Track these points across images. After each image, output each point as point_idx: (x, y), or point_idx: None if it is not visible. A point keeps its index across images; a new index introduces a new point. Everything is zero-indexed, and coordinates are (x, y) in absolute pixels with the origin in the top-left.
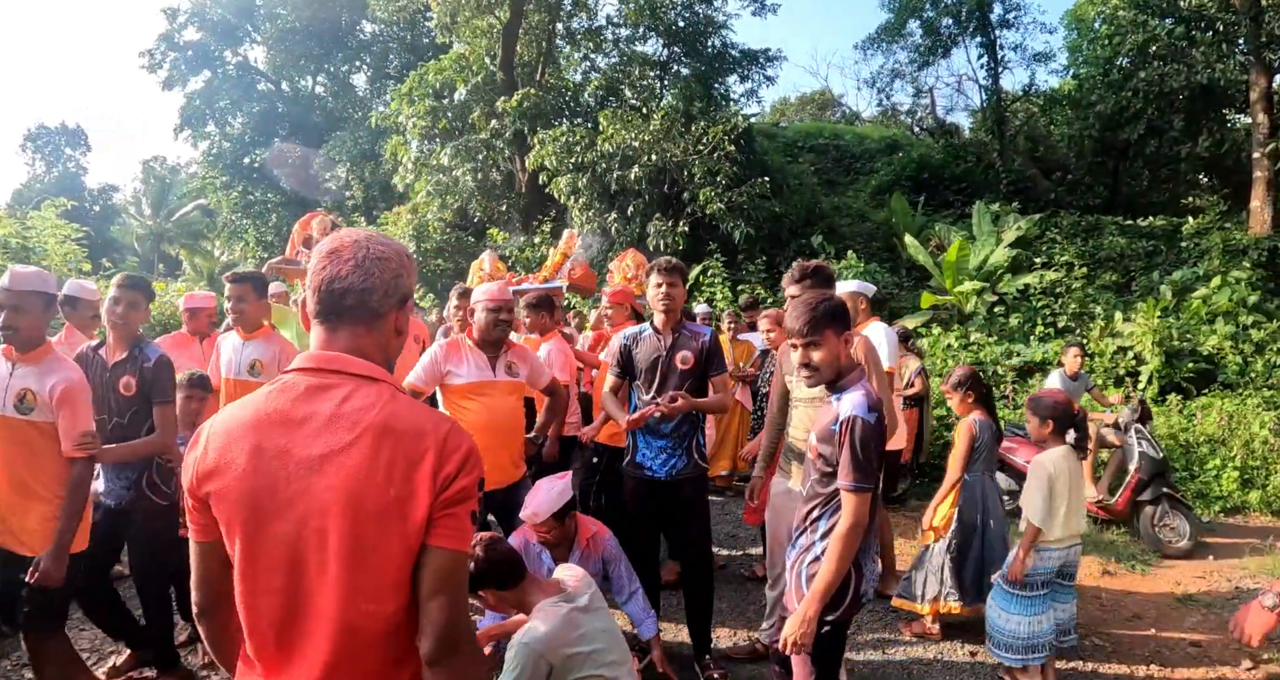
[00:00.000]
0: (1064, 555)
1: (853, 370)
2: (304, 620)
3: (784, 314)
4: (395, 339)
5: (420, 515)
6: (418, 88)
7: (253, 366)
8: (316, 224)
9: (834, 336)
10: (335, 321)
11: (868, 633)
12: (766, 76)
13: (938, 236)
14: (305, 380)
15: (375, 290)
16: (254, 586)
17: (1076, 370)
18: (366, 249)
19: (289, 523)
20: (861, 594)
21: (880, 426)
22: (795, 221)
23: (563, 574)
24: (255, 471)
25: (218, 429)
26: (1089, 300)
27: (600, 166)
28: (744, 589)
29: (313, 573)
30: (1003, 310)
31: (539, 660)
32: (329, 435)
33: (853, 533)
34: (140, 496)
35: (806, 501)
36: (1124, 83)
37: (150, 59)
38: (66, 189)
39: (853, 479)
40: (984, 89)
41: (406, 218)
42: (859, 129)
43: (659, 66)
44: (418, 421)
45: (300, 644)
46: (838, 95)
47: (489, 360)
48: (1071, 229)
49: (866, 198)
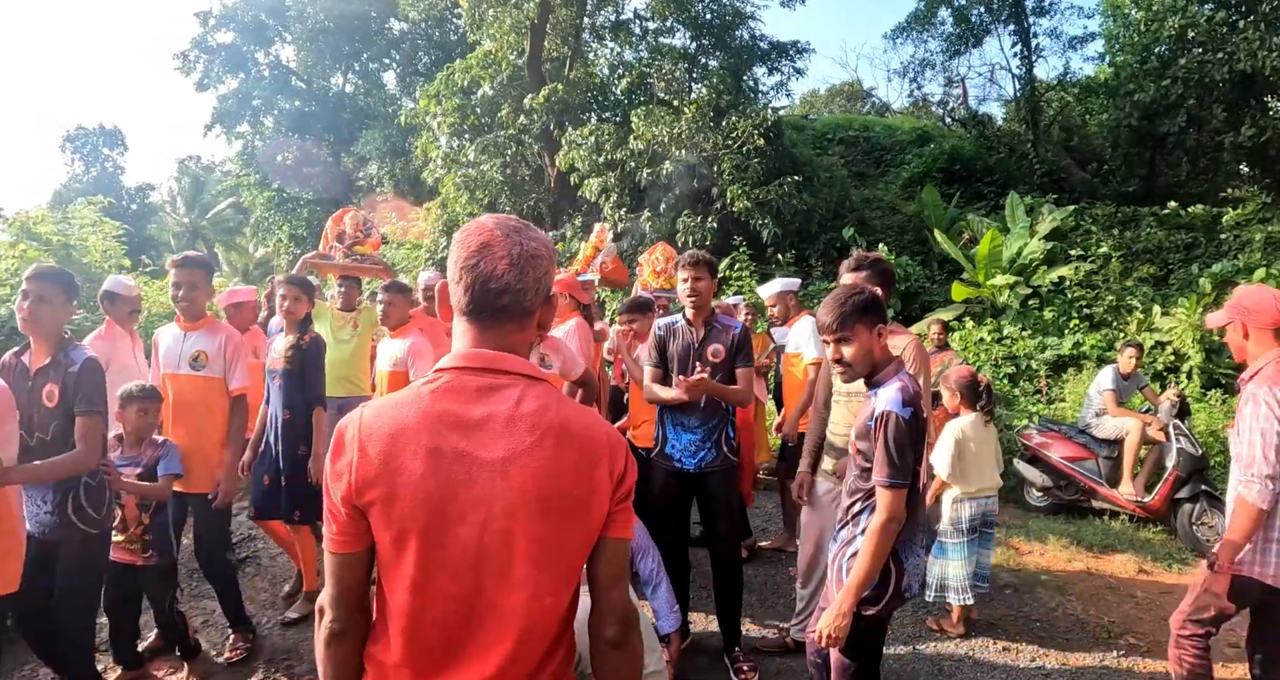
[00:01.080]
0: (983, 504)
1: (888, 364)
2: (482, 620)
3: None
4: (537, 334)
5: (601, 511)
6: (445, 87)
7: (195, 359)
8: (349, 220)
9: (865, 331)
10: (489, 320)
11: (896, 628)
12: (795, 69)
13: (970, 229)
14: (474, 380)
15: (529, 289)
16: (429, 592)
17: (1131, 370)
18: (520, 245)
19: (473, 525)
20: (904, 589)
21: (916, 422)
22: (825, 215)
23: None
24: (434, 475)
25: (375, 431)
26: (1126, 293)
27: (630, 164)
28: (773, 583)
29: (496, 573)
30: (1036, 303)
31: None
32: (510, 437)
33: (886, 528)
34: (66, 523)
35: (849, 495)
36: (1162, 71)
37: (184, 61)
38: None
39: (886, 474)
40: (1017, 78)
41: (435, 213)
42: (889, 120)
43: (687, 60)
44: (588, 423)
45: (475, 643)
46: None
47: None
48: (1107, 220)
49: (897, 190)
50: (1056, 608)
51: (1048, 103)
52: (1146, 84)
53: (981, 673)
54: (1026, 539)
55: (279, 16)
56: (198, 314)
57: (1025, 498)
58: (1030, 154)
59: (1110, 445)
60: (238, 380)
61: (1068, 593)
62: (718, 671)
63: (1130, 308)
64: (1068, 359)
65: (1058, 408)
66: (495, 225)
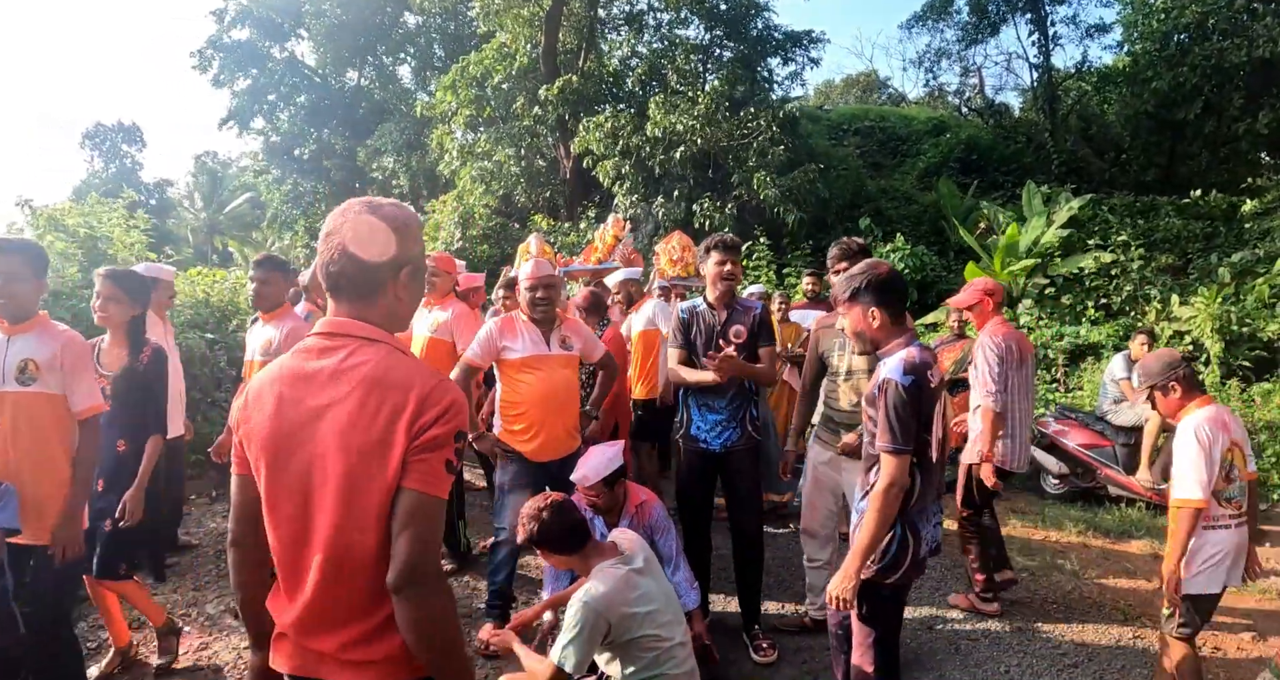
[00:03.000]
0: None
1: (895, 339)
2: (309, 544)
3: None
4: (403, 302)
5: (396, 459)
6: (460, 79)
7: (23, 369)
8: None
9: (856, 308)
10: (337, 294)
11: (913, 606)
12: (810, 58)
13: (986, 218)
14: (318, 343)
15: (367, 268)
16: (276, 514)
17: (1142, 356)
18: (357, 228)
19: (301, 459)
20: (920, 558)
21: (916, 390)
22: (841, 205)
23: (618, 537)
24: (275, 416)
25: (254, 383)
26: (1144, 282)
27: (644, 151)
28: (792, 563)
29: (316, 503)
30: (1053, 292)
31: (598, 618)
32: (332, 388)
33: (888, 493)
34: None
35: (866, 461)
36: (1181, 58)
37: (200, 58)
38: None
39: (886, 440)
40: (1034, 67)
41: (452, 205)
42: (905, 111)
43: (701, 51)
44: (408, 376)
45: (304, 564)
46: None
47: (543, 335)
48: (1126, 210)
49: (913, 180)
50: (1073, 590)
51: (1065, 92)
52: (1165, 72)
53: (998, 651)
54: (1043, 525)
55: (294, 13)
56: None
57: (1042, 485)
58: (1047, 143)
59: (1128, 433)
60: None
61: (1084, 576)
62: (737, 649)
63: (1148, 297)
64: (1085, 348)
65: (1075, 396)
66: (347, 209)
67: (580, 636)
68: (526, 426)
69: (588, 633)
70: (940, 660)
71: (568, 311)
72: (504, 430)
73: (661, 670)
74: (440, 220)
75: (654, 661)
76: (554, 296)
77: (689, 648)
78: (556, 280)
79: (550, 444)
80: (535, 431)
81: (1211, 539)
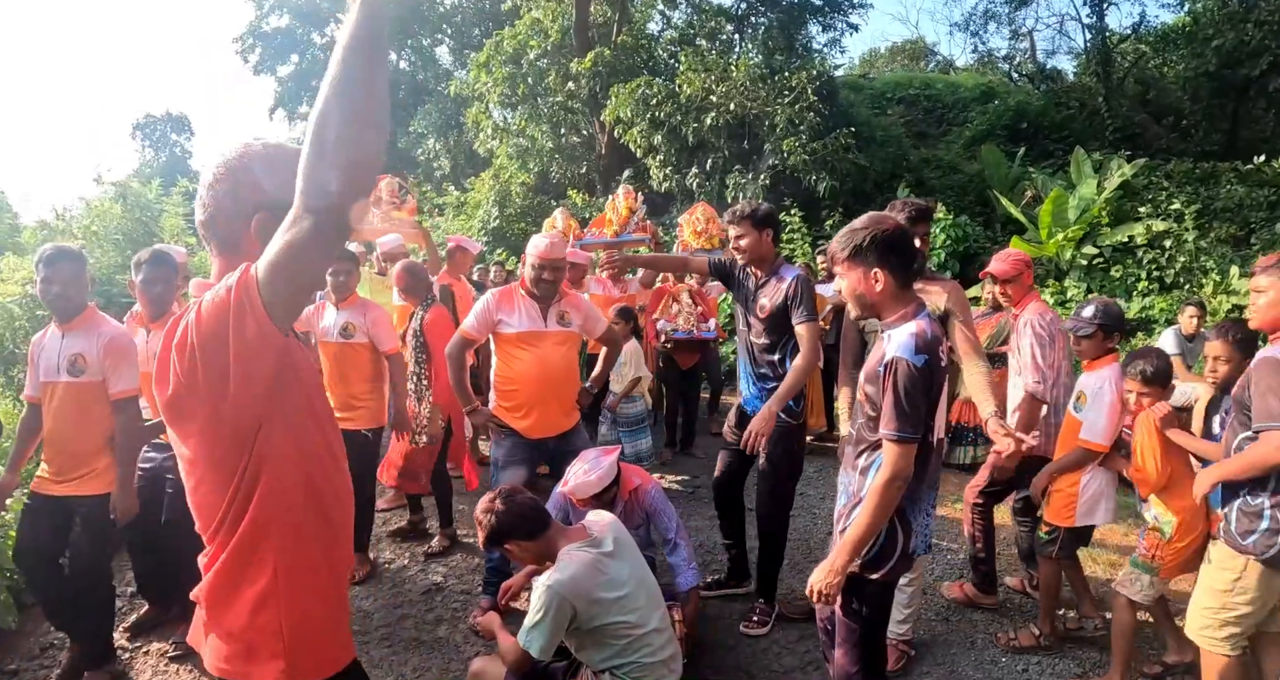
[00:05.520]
0: None
1: (901, 308)
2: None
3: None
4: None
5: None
6: (494, 55)
7: (74, 363)
8: (384, 186)
9: (858, 267)
10: (213, 253)
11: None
12: (849, 24)
13: (1034, 187)
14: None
15: (215, 218)
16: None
17: (1194, 330)
18: (208, 179)
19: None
20: (911, 551)
21: (929, 371)
22: (881, 175)
23: (590, 520)
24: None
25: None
26: (1201, 253)
27: (676, 119)
28: (808, 548)
29: None
30: (1103, 264)
31: (562, 603)
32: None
33: (890, 485)
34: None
35: (855, 446)
36: (1246, 15)
37: (242, 45)
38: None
39: (894, 427)
40: (1088, 28)
41: (489, 183)
42: (952, 78)
43: (736, 19)
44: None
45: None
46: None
47: (541, 310)
48: (1183, 177)
49: (959, 150)
50: (1106, 582)
51: (1121, 54)
52: (1227, 30)
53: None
54: None
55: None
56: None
57: None
58: (1102, 109)
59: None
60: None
61: (1120, 566)
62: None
63: (1205, 269)
64: (1136, 323)
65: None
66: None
67: (544, 621)
68: (519, 404)
69: (552, 617)
70: (954, 654)
71: (585, 286)
72: (498, 406)
73: (634, 658)
74: (480, 198)
75: (625, 649)
76: (560, 278)
77: (667, 634)
78: (565, 264)
79: (544, 422)
80: (528, 410)
81: (1101, 475)
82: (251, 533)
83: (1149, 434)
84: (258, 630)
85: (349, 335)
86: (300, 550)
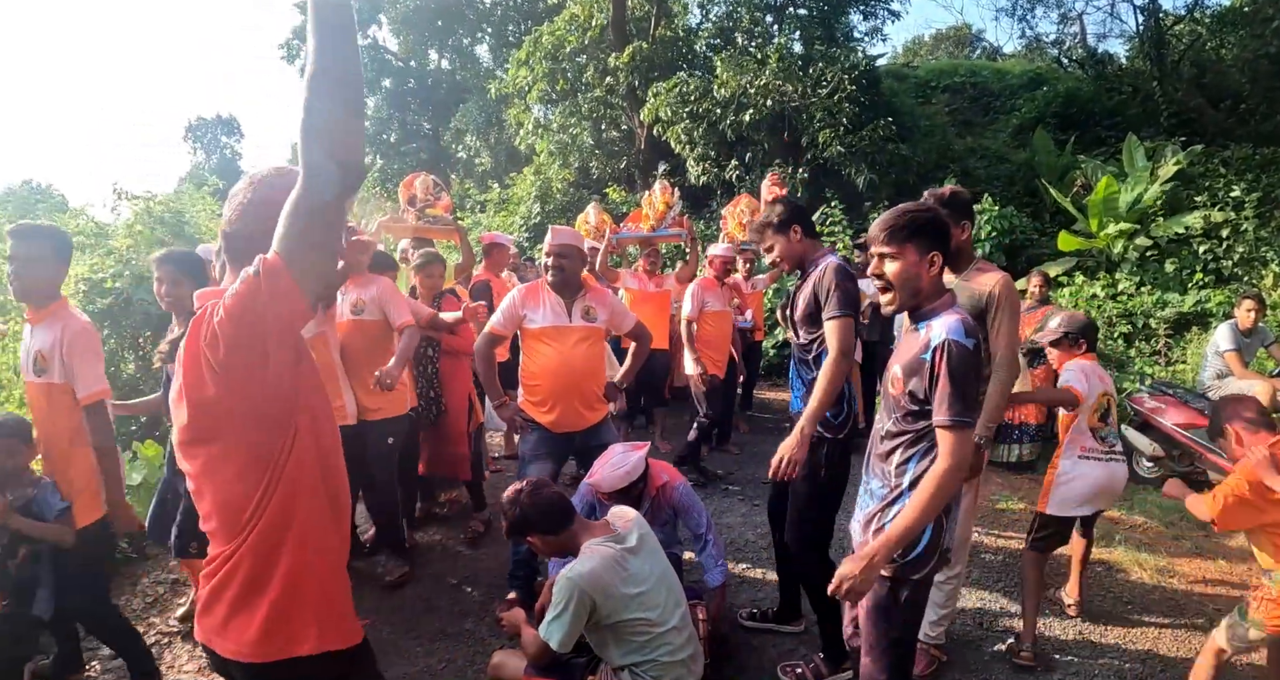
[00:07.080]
0: None
1: (943, 295)
2: None
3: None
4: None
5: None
6: (533, 52)
7: (36, 361)
8: (419, 184)
9: (914, 252)
10: (228, 262)
11: (965, 597)
12: (890, 11)
13: (1084, 176)
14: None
15: (239, 234)
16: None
17: (1251, 325)
18: (238, 198)
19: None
20: (946, 548)
21: (978, 355)
22: (925, 165)
23: (613, 515)
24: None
25: None
26: (1261, 244)
27: (715, 114)
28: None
29: None
30: (1156, 255)
31: (583, 596)
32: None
33: (951, 474)
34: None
35: (887, 441)
36: None
37: (287, 50)
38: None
39: (954, 412)
40: (1140, 9)
41: (530, 179)
42: (999, 65)
43: (774, 10)
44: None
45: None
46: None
47: (565, 305)
48: (1243, 164)
49: (1007, 138)
50: (1154, 590)
51: (1176, 37)
52: None
53: (1057, 659)
54: (1129, 512)
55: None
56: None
57: (1134, 468)
58: (1155, 93)
59: None
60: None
61: (1170, 574)
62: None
63: (1265, 260)
64: (1191, 317)
65: (1177, 370)
66: (244, 180)
67: (564, 614)
68: (543, 399)
69: (572, 610)
70: (988, 662)
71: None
72: (525, 400)
73: (653, 656)
74: (521, 195)
75: (644, 646)
76: (568, 265)
77: (687, 634)
78: (573, 250)
79: (568, 417)
80: (551, 404)
81: (1084, 468)
82: (280, 516)
83: (1242, 476)
84: (294, 604)
85: (359, 312)
86: (318, 527)
